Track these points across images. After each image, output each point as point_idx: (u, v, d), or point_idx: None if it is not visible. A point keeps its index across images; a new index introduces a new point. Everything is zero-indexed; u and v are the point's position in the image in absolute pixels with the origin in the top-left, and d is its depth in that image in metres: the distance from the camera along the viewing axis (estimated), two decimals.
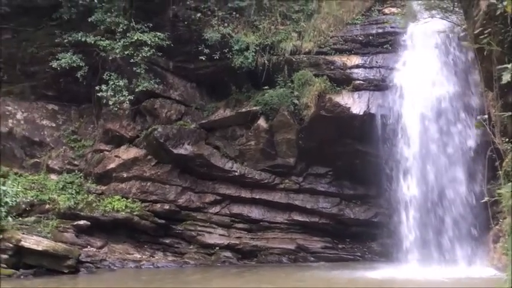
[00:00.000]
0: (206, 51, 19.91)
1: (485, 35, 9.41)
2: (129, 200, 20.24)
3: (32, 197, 19.83)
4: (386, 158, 18.39)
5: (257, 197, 20.65)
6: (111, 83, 19.90)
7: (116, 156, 20.84)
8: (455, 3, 14.59)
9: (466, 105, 17.56)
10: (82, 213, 19.80)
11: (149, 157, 20.55)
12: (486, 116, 10.27)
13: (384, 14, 20.31)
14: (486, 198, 9.74)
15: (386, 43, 19.33)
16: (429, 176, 17.65)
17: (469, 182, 17.18)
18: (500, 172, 9.50)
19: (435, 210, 17.52)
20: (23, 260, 16.88)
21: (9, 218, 17.42)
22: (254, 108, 19.98)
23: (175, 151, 20.12)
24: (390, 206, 18.69)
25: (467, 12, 11.04)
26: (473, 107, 17.29)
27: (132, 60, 19.65)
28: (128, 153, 20.76)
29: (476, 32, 10.00)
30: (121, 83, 19.87)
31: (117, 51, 19.64)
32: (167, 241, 20.63)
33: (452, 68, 17.87)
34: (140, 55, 19.56)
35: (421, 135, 17.83)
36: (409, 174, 17.84)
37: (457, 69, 17.84)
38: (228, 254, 20.26)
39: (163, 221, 20.40)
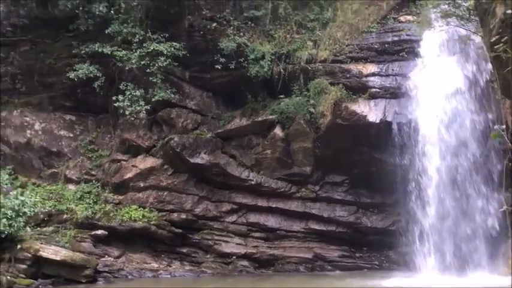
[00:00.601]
0: (222, 60, 19.98)
1: (502, 43, 9.38)
2: (146, 210, 20.29)
3: (50, 207, 19.99)
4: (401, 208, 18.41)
5: (274, 205, 20.60)
6: (128, 93, 20.00)
7: (133, 165, 20.92)
8: (471, 11, 14.54)
9: (486, 177, 17.03)
10: (99, 223, 19.89)
11: (166, 166, 20.61)
12: (504, 126, 10.18)
13: (400, 22, 20.23)
14: (504, 207, 9.68)
15: (402, 51, 19.26)
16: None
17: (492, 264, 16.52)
18: None
19: None
20: (42, 269, 17.00)
21: (28, 228, 17.53)
22: (270, 117, 19.99)
23: (191, 160, 20.17)
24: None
25: (483, 20, 11.01)
26: (494, 179, 16.68)
27: (148, 70, 19.75)
28: (144, 162, 20.84)
29: (492, 40, 9.98)
30: (137, 93, 19.97)
31: (134, 61, 19.74)
32: (184, 250, 20.64)
33: (470, 132, 17.40)
34: (156, 65, 19.65)
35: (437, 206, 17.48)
36: (426, 242, 17.54)
37: (476, 133, 17.32)
38: (245, 263, 20.22)
39: (180, 231, 20.42)
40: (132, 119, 20.15)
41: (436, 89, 17.63)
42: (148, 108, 20.07)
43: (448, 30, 17.37)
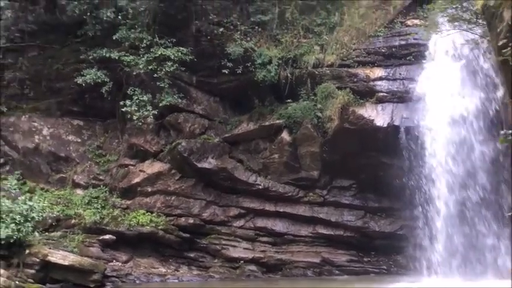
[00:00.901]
0: (229, 65, 20.03)
1: (510, 47, 9.37)
2: (154, 214, 20.29)
3: (58, 212, 20.03)
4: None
5: (281, 210, 20.58)
6: (135, 98, 20.06)
7: (141, 170, 20.94)
8: (479, 15, 14.51)
9: (497, 213, 16.66)
10: (107, 228, 19.92)
11: (173, 171, 20.64)
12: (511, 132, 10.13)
13: (407, 26, 20.17)
14: None
15: (410, 55, 19.19)
16: None
17: None
18: None
19: None
20: (50, 274, 17.05)
21: (36, 233, 17.59)
22: (277, 121, 20.01)
23: (199, 165, 20.20)
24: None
25: (490, 24, 10.98)
26: (505, 215, 16.22)
27: (155, 75, 19.81)
28: (152, 167, 20.87)
29: (500, 44, 9.97)
30: (145, 98, 20.03)
31: (141, 66, 19.80)
32: (192, 255, 20.65)
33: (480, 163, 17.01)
34: (164, 70, 19.71)
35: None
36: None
37: (485, 164, 16.92)
38: (253, 267, 20.21)
39: (187, 235, 20.43)
40: (140, 124, 20.20)
41: (442, 116, 17.54)
42: (156, 113, 20.10)
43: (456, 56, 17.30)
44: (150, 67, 19.77)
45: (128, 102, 20.05)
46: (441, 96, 17.52)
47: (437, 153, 17.50)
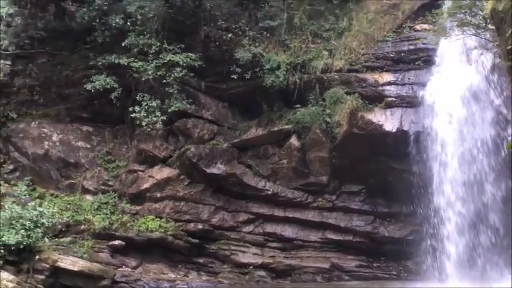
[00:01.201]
0: (238, 70, 20.06)
1: None
2: (163, 220, 20.30)
3: (67, 217, 20.01)
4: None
5: (290, 215, 20.56)
6: (144, 104, 20.09)
7: (150, 176, 20.96)
8: (488, 20, 14.47)
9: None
10: (117, 234, 19.91)
11: (182, 177, 20.65)
12: None
13: (416, 31, 20.15)
14: None
15: (418, 59, 19.17)
16: None
17: None
18: None
19: None
20: (59, 280, 17.13)
21: (46, 239, 17.68)
22: (286, 126, 20.00)
23: (208, 171, 20.21)
24: None
25: (499, 29, 10.95)
26: None
27: (164, 81, 19.84)
28: (161, 173, 20.88)
29: (509, 48, 9.94)
30: (154, 103, 20.05)
31: (150, 72, 19.83)
32: (201, 260, 20.64)
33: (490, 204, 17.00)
34: (172, 76, 19.75)
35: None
36: None
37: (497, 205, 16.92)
38: (262, 273, 20.18)
39: (197, 241, 20.43)
40: (149, 129, 20.22)
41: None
42: (165, 118, 20.11)
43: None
44: (159, 73, 19.80)
45: (136, 108, 20.09)
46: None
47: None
